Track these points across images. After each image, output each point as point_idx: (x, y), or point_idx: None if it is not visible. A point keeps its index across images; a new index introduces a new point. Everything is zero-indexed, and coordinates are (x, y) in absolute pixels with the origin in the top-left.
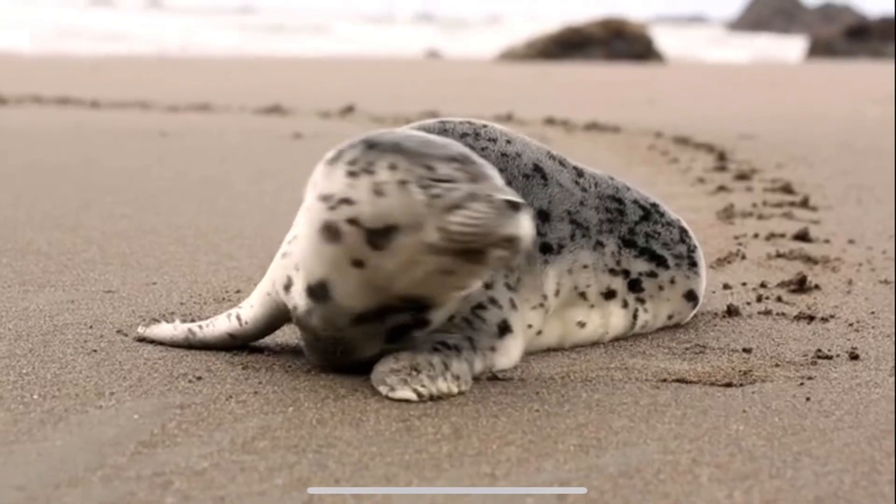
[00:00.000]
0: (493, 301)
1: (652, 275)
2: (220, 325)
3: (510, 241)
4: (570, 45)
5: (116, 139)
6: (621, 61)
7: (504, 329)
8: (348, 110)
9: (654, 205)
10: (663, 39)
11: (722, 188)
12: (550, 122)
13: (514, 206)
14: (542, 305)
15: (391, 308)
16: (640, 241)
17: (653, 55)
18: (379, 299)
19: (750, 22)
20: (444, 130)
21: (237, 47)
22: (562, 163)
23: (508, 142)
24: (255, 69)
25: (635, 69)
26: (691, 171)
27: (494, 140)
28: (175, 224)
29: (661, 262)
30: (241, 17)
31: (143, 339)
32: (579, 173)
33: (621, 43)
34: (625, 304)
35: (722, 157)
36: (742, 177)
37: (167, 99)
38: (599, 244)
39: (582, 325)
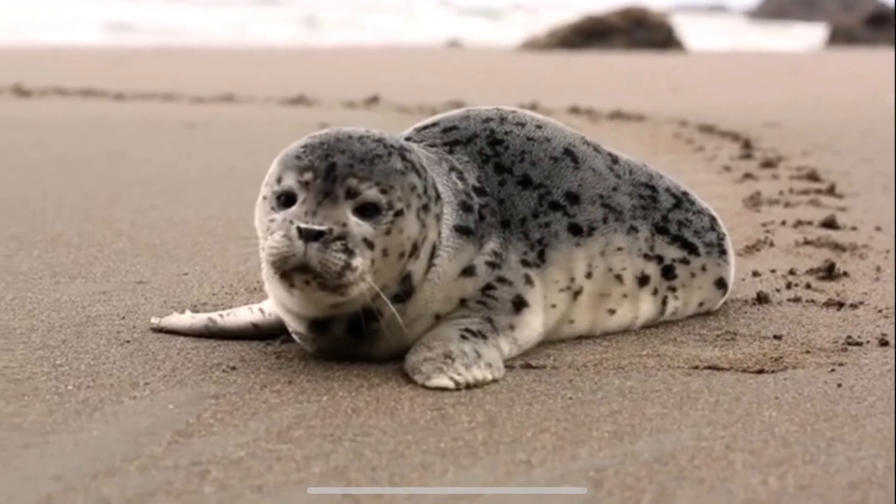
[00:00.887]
0: (501, 280)
1: (684, 262)
2: (242, 315)
3: (304, 269)
4: (591, 34)
5: (142, 131)
6: (642, 50)
7: (519, 304)
8: (373, 100)
9: (685, 193)
10: (684, 29)
11: (748, 176)
12: (575, 111)
13: (305, 236)
14: (569, 288)
15: (331, 314)
16: (672, 228)
17: (674, 44)
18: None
19: (770, 11)
20: (466, 117)
21: (261, 38)
22: (596, 149)
23: (539, 126)
24: (279, 60)
25: (657, 58)
26: (717, 159)
27: (522, 124)
28: (204, 215)
29: (692, 249)
30: (264, 7)
31: (158, 330)
32: (614, 160)
33: (642, 32)
34: (655, 291)
35: (747, 144)
36: (768, 164)
37: (192, 90)
38: (633, 229)
39: (612, 311)
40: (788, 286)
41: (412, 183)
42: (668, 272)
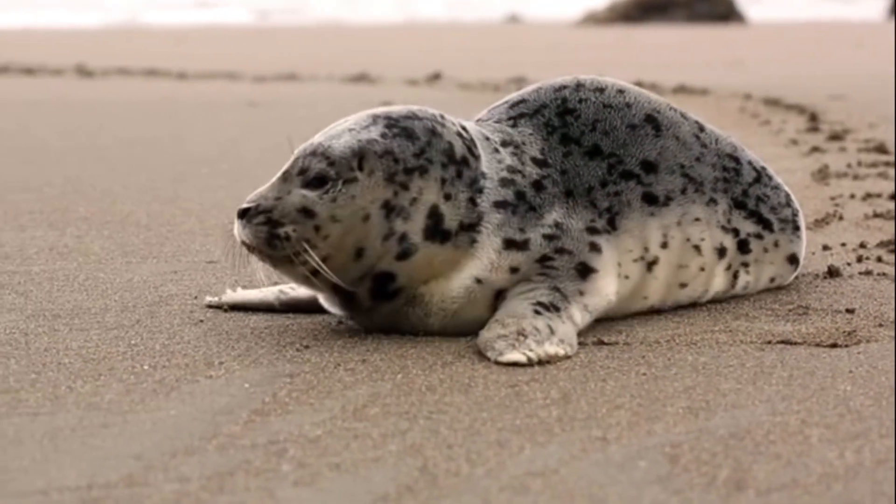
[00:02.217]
0: (560, 251)
1: (758, 237)
2: None
3: (247, 247)
4: (651, 7)
5: (206, 111)
6: (703, 23)
7: (585, 271)
8: (435, 77)
9: (763, 167)
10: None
11: (815, 149)
12: (639, 85)
13: (238, 215)
14: (643, 258)
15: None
16: (750, 203)
17: (735, 16)
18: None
19: None
20: (538, 89)
21: (321, 15)
22: (684, 115)
23: (621, 91)
24: (340, 37)
25: (718, 31)
26: (783, 133)
27: (601, 90)
28: None
29: (767, 225)
30: None
31: (214, 307)
32: (700, 128)
33: (703, 4)
34: (728, 266)
35: (813, 117)
36: (835, 137)
37: (254, 69)
38: (713, 201)
39: (684, 285)
40: (859, 259)
41: (387, 149)
42: (742, 246)
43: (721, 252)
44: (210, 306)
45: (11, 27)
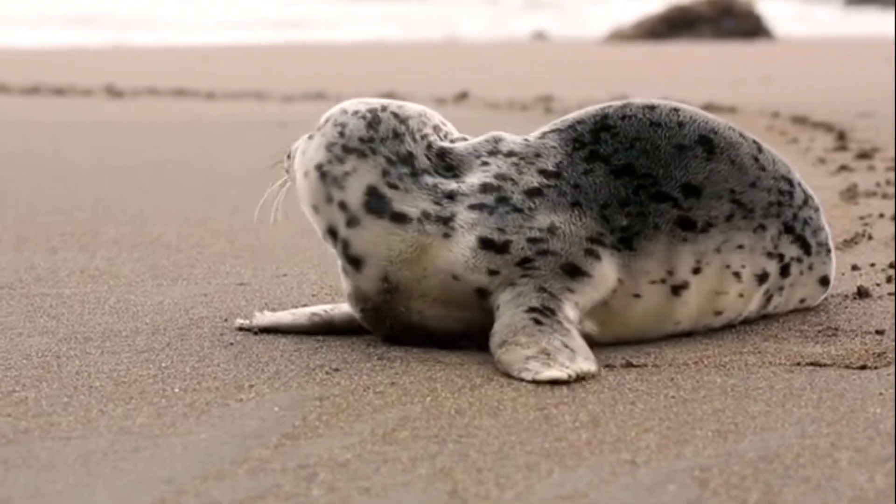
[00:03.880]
0: (544, 252)
1: (798, 260)
2: (346, 306)
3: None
4: (678, 24)
5: (235, 131)
6: (731, 39)
7: (574, 271)
8: (462, 96)
9: (801, 185)
10: (771, 15)
11: (843, 168)
12: None
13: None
14: (664, 281)
15: None
16: (798, 227)
17: (762, 32)
18: None
19: None
20: (588, 107)
21: (348, 33)
22: (742, 135)
23: (675, 110)
24: (367, 55)
25: (746, 47)
26: (811, 152)
27: (652, 108)
28: (302, 215)
29: (807, 248)
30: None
31: (244, 329)
32: (759, 148)
33: (730, 20)
34: (768, 290)
35: (841, 136)
36: (863, 156)
37: (282, 88)
38: (761, 227)
39: (719, 313)
40: (889, 280)
41: (343, 122)
42: (784, 270)
43: (762, 278)
44: (241, 329)
45: (42, 46)
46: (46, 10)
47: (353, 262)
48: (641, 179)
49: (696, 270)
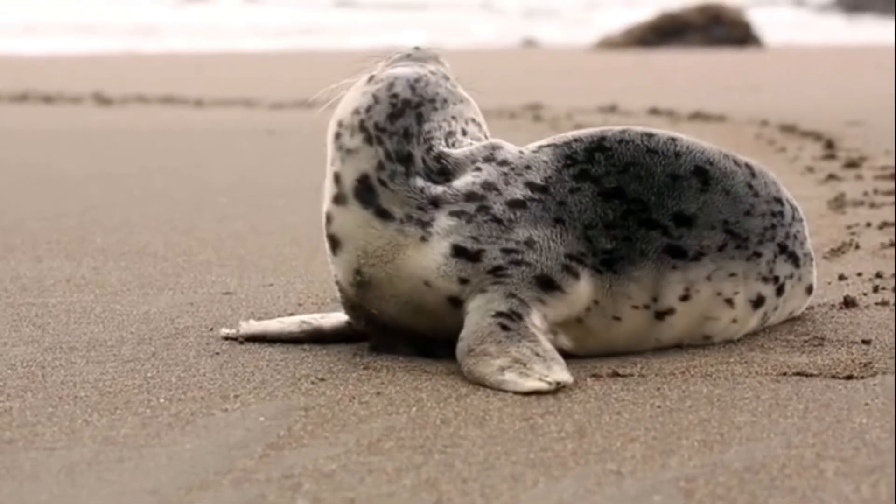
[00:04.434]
0: (517, 262)
1: (790, 276)
2: (336, 315)
3: None
4: (667, 31)
5: (224, 139)
6: (720, 47)
7: (548, 284)
8: None
9: (789, 200)
10: (761, 22)
11: (832, 177)
12: (655, 112)
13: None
14: (647, 307)
15: None
16: (790, 244)
17: (752, 40)
18: None
19: (848, 3)
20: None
21: (339, 41)
22: (736, 162)
23: (672, 139)
24: (356, 62)
25: (735, 55)
26: (799, 160)
27: (650, 136)
28: (289, 224)
29: (797, 262)
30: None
31: (230, 338)
32: (752, 173)
33: (719, 28)
34: (765, 313)
35: (830, 144)
36: (851, 165)
37: (271, 96)
38: (756, 255)
39: (707, 336)
40: (875, 290)
41: (377, 99)
42: (780, 291)
43: (758, 303)
44: (226, 338)
45: (32, 53)
46: (36, 18)
47: (332, 241)
48: (632, 204)
49: (685, 298)
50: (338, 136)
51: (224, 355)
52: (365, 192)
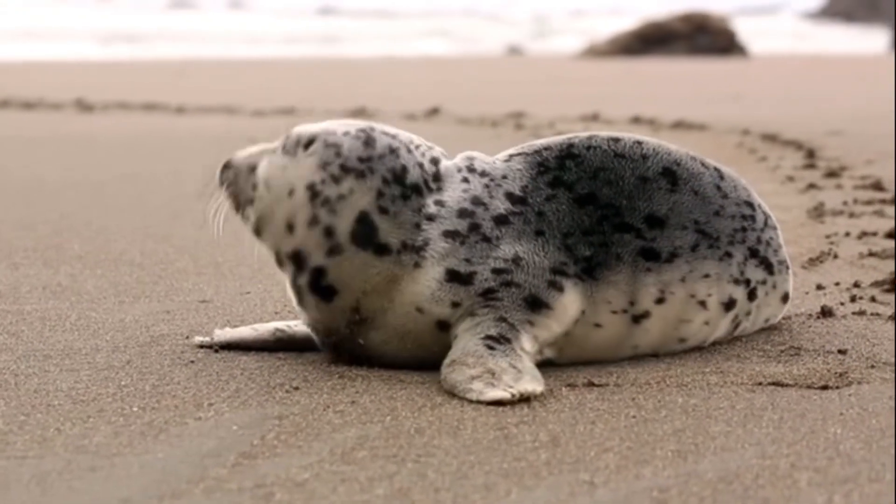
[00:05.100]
0: (508, 284)
1: (763, 283)
2: None
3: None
4: (652, 40)
5: (205, 146)
6: (705, 56)
7: (536, 304)
8: (434, 112)
9: (761, 206)
10: (745, 31)
11: (812, 186)
12: (637, 120)
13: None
14: (625, 312)
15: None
16: (762, 249)
17: (736, 49)
18: None
19: (833, 12)
20: (558, 135)
21: (318, 49)
22: (703, 164)
23: (638, 143)
24: (337, 70)
25: (719, 64)
26: (780, 170)
27: (616, 140)
28: None
29: (770, 269)
30: (321, 18)
31: (205, 347)
32: (721, 175)
33: (704, 37)
34: (735, 316)
35: (811, 154)
36: (832, 174)
37: (253, 103)
38: (727, 255)
39: (683, 340)
40: (853, 299)
41: (337, 142)
42: (751, 295)
43: (729, 305)
44: (201, 346)
45: (14, 60)
46: (18, 24)
47: (324, 291)
48: (605, 209)
49: (660, 300)
50: (315, 196)
51: (199, 363)
52: (363, 231)
